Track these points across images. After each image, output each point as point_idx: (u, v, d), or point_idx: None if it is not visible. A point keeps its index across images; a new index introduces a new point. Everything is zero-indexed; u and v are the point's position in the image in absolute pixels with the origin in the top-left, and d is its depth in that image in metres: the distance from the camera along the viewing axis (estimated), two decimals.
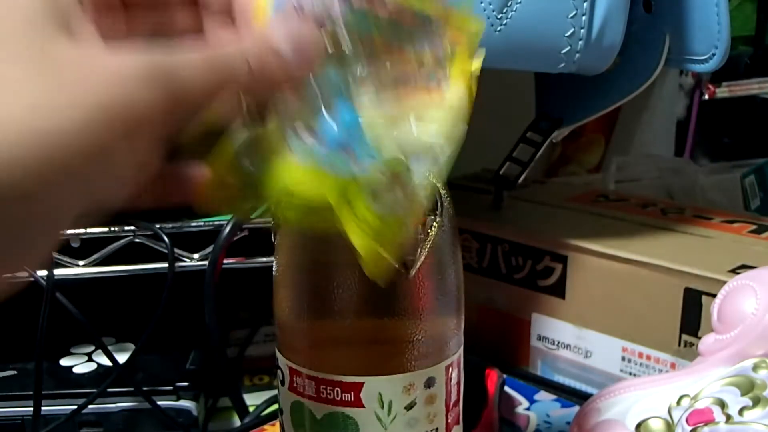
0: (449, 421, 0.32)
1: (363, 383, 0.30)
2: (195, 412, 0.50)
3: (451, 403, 0.32)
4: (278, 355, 0.32)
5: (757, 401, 0.35)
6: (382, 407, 0.30)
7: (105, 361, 0.50)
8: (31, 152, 0.20)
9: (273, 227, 0.33)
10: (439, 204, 0.31)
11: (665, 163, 0.82)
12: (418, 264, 0.30)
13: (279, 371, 0.33)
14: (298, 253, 0.31)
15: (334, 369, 0.30)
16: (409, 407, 0.31)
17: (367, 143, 0.26)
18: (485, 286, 0.57)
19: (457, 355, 0.33)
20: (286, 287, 0.32)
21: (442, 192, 0.31)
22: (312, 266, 0.31)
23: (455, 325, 0.33)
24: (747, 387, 0.36)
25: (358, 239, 0.26)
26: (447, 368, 0.32)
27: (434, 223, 0.30)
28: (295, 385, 0.31)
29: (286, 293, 0.32)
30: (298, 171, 0.26)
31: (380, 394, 0.30)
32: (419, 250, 0.30)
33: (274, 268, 0.32)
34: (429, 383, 0.31)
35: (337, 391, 0.30)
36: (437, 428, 0.32)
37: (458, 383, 0.33)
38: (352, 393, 0.30)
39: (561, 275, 0.52)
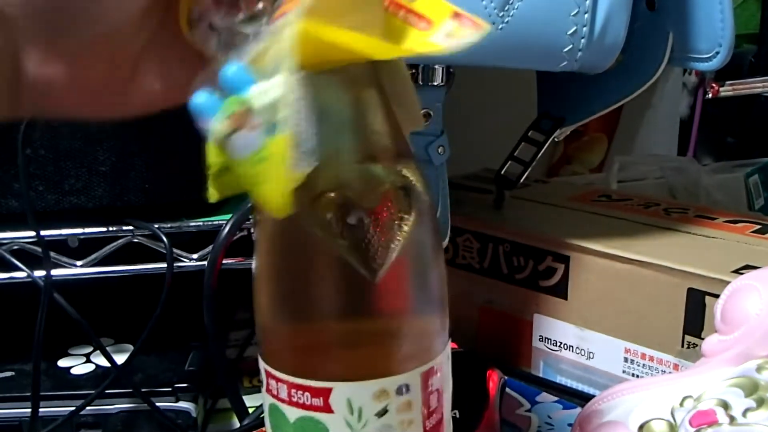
0: (428, 429, 0.31)
1: (332, 389, 0.29)
2: (194, 414, 0.49)
3: (431, 411, 0.31)
4: (258, 357, 0.32)
5: (761, 402, 0.35)
6: (352, 413, 0.29)
7: (103, 362, 0.50)
8: None
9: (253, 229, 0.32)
10: (411, 202, 0.29)
11: (668, 162, 0.82)
12: (385, 267, 0.28)
13: (260, 374, 0.32)
14: (268, 254, 0.31)
15: (304, 373, 0.30)
16: (381, 414, 0.30)
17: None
18: (486, 286, 0.57)
19: (438, 362, 0.31)
20: (258, 289, 0.31)
21: (419, 189, 0.30)
22: (280, 269, 0.30)
23: (433, 330, 0.31)
24: (751, 388, 0.36)
25: (252, 190, 0.27)
26: (424, 374, 0.31)
27: (403, 225, 0.29)
28: (270, 387, 0.31)
29: (259, 296, 0.31)
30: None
31: (349, 400, 0.29)
32: (386, 252, 0.28)
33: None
34: (402, 390, 0.30)
35: (307, 395, 0.30)
36: None
37: (440, 390, 0.32)
38: (322, 398, 0.29)
39: (563, 275, 0.52)
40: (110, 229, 0.50)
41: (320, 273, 0.29)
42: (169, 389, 0.49)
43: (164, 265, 0.49)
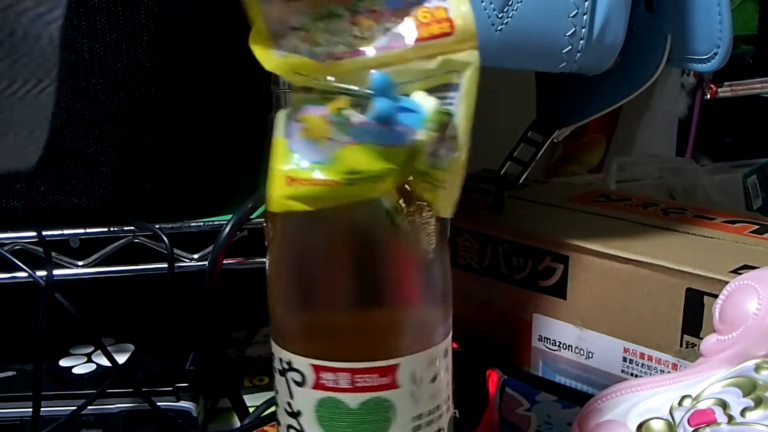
0: (451, 388, 0.35)
1: (399, 364, 0.31)
2: (195, 413, 0.49)
3: (451, 372, 0.35)
4: (292, 356, 0.32)
5: (759, 402, 0.35)
6: (415, 384, 0.32)
7: (104, 361, 0.50)
8: None
9: (268, 228, 0.33)
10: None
11: (667, 163, 0.82)
12: (435, 244, 0.32)
13: (291, 374, 0.32)
14: (318, 245, 0.32)
15: (370, 356, 0.31)
16: (434, 379, 0.33)
17: (406, 106, 0.28)
18: (486, 286, 0.57)
19: (452, 329, 0.35)
20: (308, 284, 0.32)
21: None
22: (337, 256, 0.32)
23: (451, 300, 0.35)
24: (749, 388, 0.36)
25: (429, 194, 0.30)
26: (450, 341, 0.34)
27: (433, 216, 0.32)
28: (322, 381, 0.32)
29: (310, 289, 0.32)
30: (357, 153, 0.28)
31: (413, 372, 0.32)
32: (434, 231, 0.31)
33: (274, 269, 0.33)
34: (445, 354, 0.33)
35: (375, 376, 0.31)
36: (449, 395, 0.34)
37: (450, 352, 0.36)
38: (390, 376, 0.31)
39: (562, 275, 0.52)
40: (111, 229, 0.50)
41: (390, 259, 0.32)
42: (170, 389, 0.49)
43: (165, 265, 0.49)
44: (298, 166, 0.29)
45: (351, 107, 0.29)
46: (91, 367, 0.52)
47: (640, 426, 0.39)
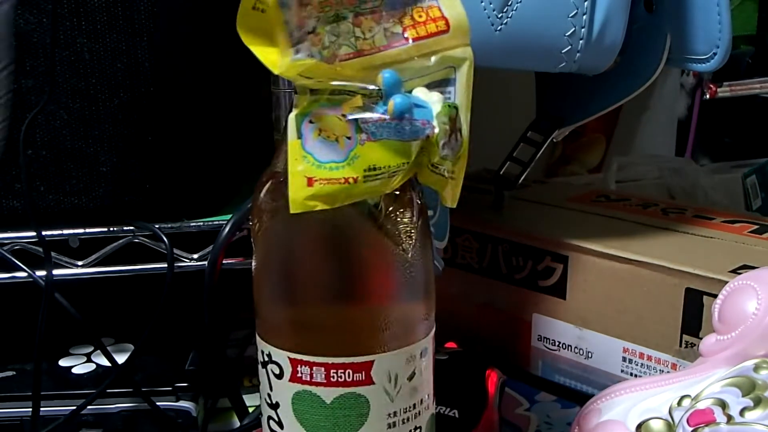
0: (432, 387, 0.35)
1: (373, 361, 0.32)
2: (194, 413, 0.49)
3: (433, 370, 0.35)
4: (272, 349, 0.33)
5: (758, 402, 0.35)
6: (390, 381, 0.32)
7: (104, 361, 0.50)
8: None
9: (254, 223, 0.33)
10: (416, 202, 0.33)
11: (666, 163, 0.82)
12: (415, 244, 0.32)
13: (271, 366, 0.33)
14: (298, 242, 0.32)
15: (345, 352, 0.32)
16: (411, 378, 0.33)
17: (418, 102, 0.29)
18: (485, 286, 0.57)
19: (434, 327, 0.35)
20: (287, 279, 0.33)
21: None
22: (316, 253, 0.32)
23: (434, 301, 0.35)
24: (748, 387, 0.36)
25: (441, 187, 0.31)
26: (432, 339, 0.35)
27: (416, 219, 0.33)
28: (299, 375, 0.32)
29: (289, 284, 0.33)
30: (375, 149, 0.29)
31: (388, 370, 0.32)
32: (413, 231, 0.32)
33: (258, 264, 0.34)
34: (423, 353, 0.34)
35: (349, 372, 0.32)
36: (428, 394, 0.35)
37: (434, 352, 0.36)
38: (363, 372, 0.32)
39: (562, 275, 0.52)
40: (111, 229, 0.50)
41: (366, 256, 0.32)
42: (170, 388, 0.49)
43: (165, 265, 0.49)
44: (317, 166, 0.29)
45: (362, 106, 0.29)
46: (91, 367, 0.52)
47: (639, 426, 0.39)
